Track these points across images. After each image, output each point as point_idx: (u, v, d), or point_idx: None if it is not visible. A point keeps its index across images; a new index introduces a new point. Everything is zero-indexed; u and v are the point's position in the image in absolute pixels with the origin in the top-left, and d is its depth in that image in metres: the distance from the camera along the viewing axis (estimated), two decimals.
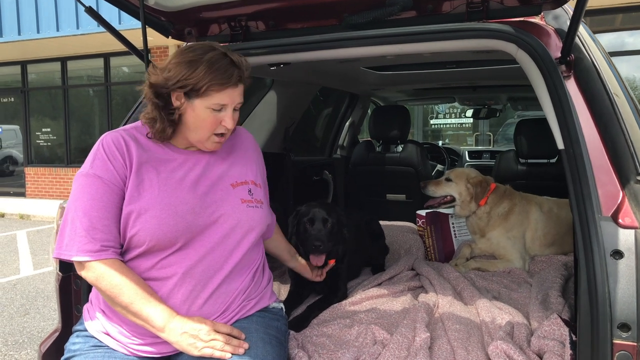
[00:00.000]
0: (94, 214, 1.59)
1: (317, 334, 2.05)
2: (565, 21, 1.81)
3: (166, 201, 1.63)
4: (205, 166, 1.76)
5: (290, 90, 3.43)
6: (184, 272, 1.64)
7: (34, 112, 14.06)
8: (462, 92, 5.16)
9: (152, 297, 1.59)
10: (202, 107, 1.64)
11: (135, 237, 1.61)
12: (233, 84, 1.65)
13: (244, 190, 1.79)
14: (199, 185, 1.71)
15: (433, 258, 3.14)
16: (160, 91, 1.65)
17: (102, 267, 1.58)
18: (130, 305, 1.57)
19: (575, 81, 1.68)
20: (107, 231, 1.60)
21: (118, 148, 1.66)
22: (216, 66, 1.61)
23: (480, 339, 1.97)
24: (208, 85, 1.60)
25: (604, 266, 1.42)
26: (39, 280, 6.26)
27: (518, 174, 3.74)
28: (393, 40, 1.92)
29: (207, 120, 1.66)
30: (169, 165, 1.71)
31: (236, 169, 1.82)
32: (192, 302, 1.65)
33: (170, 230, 1.61)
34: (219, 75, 1.61)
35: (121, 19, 9.51)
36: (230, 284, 1.72)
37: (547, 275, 2.51)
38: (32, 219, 11.40)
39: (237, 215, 1.73)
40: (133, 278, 1.60)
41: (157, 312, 1.57)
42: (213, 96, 1.63)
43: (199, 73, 1.60)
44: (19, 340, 4.37)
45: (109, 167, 1.62)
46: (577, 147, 1.57)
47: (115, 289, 1.57)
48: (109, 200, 1.61)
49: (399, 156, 4.10)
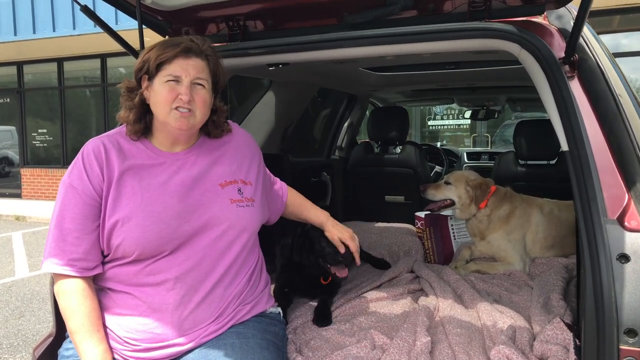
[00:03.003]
0: (65, 226, 1.59)
1: (315, 338, 2.02)
2: (569, 21, 1.78)
3: (149, 208, 1.61)
4: (191, 168, 1.72)
5: (289, 91, 3.40)
6: (176, 277, 1.62)
7: (30, 113, 14.00)
8: (460, 93, 5.14)
9: (95, 334, 1.59)
10: (158, 84, 1.65)
11: (120, 246, 1.59)
12: (182, 53, 1.64)
13: (233, 189, 1.75)
14: (184, 188, 1.68)
15: (432, 260, 3.11)
16: (134, 85, 1.70)
17: (66, 284, 1.60)
18: (73, 334, 1.59)
19: (579, 81, 1.66)
20: (77, 244, 1.59)
21: (97, 157, 1.64)
22: (168, 42, 1.66)
23: (482, 343, 1.94)
24: (157, 57, 1.63)
25: (610, 270, 1.39)
26: (34, 282, 6.21)
27: (517, 176, 3.72)
28: (394, 40, 1.90)
29: (162, 94, 1.63)
30: (152, 171, 1.68)
31: (226, 168, 1.79)
32: (185, 307, 1.63)
33: (155, 238, 1.59)
34: (168, 47, 1.64)
35: (118, 20, 9.46)
36: (224, 288, 1.69)
37: (548, 278, 2.49)
38: (28, 220, 11.34)
39: (226, 215, 1.70)
40: (88, 307, 1.59)
41: (91, 352, 1.57)
42: (165, 69, 1.64)
43: (152, 51, 1.65)
44: (13, 343, 4.33)
45: (84, 178, 1.61)
46: (582, 148, 1.55)
47: (67, 311, 1.59)
48: (82, 212, 1.60)
49: (397, 157, 4.07)
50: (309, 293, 2.40)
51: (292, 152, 3.65)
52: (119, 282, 1.64)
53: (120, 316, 1.64)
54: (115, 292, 1.66)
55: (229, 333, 1.67)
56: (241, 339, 1.65)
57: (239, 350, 1.60)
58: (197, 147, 1.78)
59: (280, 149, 3.51)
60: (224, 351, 1.59)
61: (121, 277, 1.64)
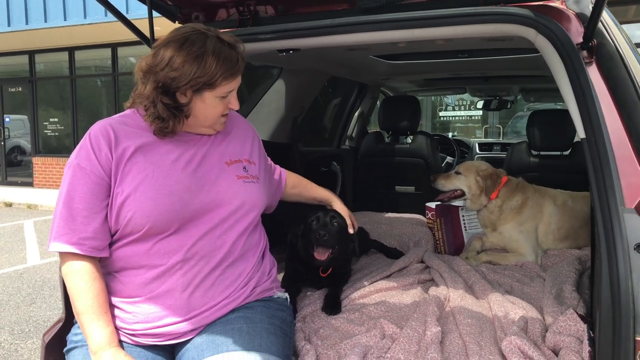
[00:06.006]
0: (74, 205, 1.57)
1: (324, 326, 2.00)
2: (587, 5, 1.73)
3: (160, 182, 1.61)
4: (199, 146, 1.74)
5: (299, 78, 3.37)
6: (184, 256, 1.62)
7: (41, 102, 14.09)
8: (473, 83, 5.07)
9: (103, 316, 1.58)
10: (212, 97, 1.64)
11: (132, 220, 1.58)
12: (238, 70, 1.65)
13: (238, 167, 1.79)
14: (193, 165, 1.69)
15: (443, 251, 3.08)
16: (168, 90, 1.59)
17: (74, 265, 1.59)
18: (80, 315, 1.58)
19: (598, 67, 1.61)
20: (86, 223, 1.57)
21: (105, 138, 1.62)
22: (222, 57, 1.59)
23: (493, 334, 1.91)
24: (219, 78, 1.60)
25: (627, 260, 1.36)
26: (45, 269, 6.27)
27: (530, 167, 3.67)
28: (406, 25, 1.86)
29: (217, 108, 1.67)
30: (162, 148, 1.68)
31: (230, 148, 1.82)
32: (194, 288, 1.63)
33: (166, 210, 1.58)
34: (227, 65, 1.60)
35: (129, 9, 9.47)
36: (232, 268, 1.70)
37: (560, 270, 2.45)
38: (40, 208, 11.43)
39: (234, 190, 1.72)
40: (97, 288, 1.58)
41: (98, 334, 1.56)
42: (224, 86, 1.63)
43: (209, 68, 1.57)
44: (25, 330, 4.37)
45: (92, 158, 1.59)
46: (599, 136, 1.51)
47: (75, 292, 1.58)
48: (91, 190, 1.58)
49: (408, 147, 4.03)
50: (314, 284, 2.38)
51: (302, 141, 3.62)
52: (127, 263, 1.64)
53: (127, 298, 1.63)
54: (123, 275, 1.65)
55: (236, 317, 1.67)
56: (249, 324, 1.64)
57: (247, 335, 1.60)
58: None
59: (290, 138, 3.49)
60: (231, 336, 1.59)
61: (129, 258, 1.63)
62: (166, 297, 1.61)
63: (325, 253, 2.19)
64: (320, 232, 2.16)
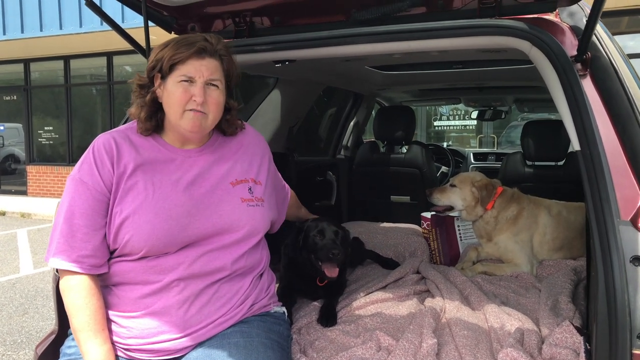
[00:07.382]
0: (75, 221, 1.57)
1: (319, 338, 1.99)
2: (582, 18, 1.75)
3: (160, 205, 1.59)
4: (204, 165, 1.72)
5: (295, 89, 3.38)
6: (182, 277, 1.60)
7: (36, 111, 14.06)
8: (468, 93, 5.10)
9: (100, 334, 1.56)
10: (172, 83, 1.63)
11: (129, 243, 1.57)
12: (196, 53, 1.62)
13: (244, 188, 1.75)
14: (196, 186, 1.67)
15: (438, 261, 3.07)
16: (145, 82, 1.68)
17: (72, 281, 1.58)
18: (77, 332, 1.56)
19: (592, 80, 1.63)
20: (86, 240, 1.57)
21: (108, 152, 1.62)
22: (182, 42, 1.63)
23: (489, 345, 1.91)
24: (170, 56, 1.61)
25: (623, 273, 1.36)
26: (38, 279, 6.22)
27: (525, 177, 3.68)
28: (402, 37, 1.87)
29: (176, 94, 1.63)
30: (164, 167, 1.67)
31: (237, 166, 1.78)
32: (189, 305, 1.61)
33: (164, 235, 1.57)
34: (181, 47, 1.62)
35: (124, 18, 9.48)
36: (230, 286, 1.68)
37: (556, 280, 2.45)
38: (33, 217, 11.36)
39: (237, 215, 1.69)
40: (94, 305, 1.57)
41: (95, 351, 1.54)
42: (179, 69, 1.62)
43: (166, 50, 1.62)
44: (17, 340, 4.32)
45: (94, 173, 1.60)
46: (594, 148, 1.51)
47: (73, 309, 1.57)
48: (91, 206, 1.58)
49: (403, 157, 4.04)
50: (309, 294, 2.37)
51: (297, 151, 3.62)
52: (123, 278, 1.63)
53: (123, 312, 1.62)
54: (119, 289, 1.64)
55: (233, 332, 1.65)
56: (245, 338, 1.63)
57: (243, 350, 1.58)
58: (210, 145, 1.78)
59: (286, 147, 3.49)
60: (227, 350, 1.57)
61: (125, 273, 1.62)
62: (162, 314, 1.59)
63: (336, 269, 2.19)
64: (333, 252, 2.14)
